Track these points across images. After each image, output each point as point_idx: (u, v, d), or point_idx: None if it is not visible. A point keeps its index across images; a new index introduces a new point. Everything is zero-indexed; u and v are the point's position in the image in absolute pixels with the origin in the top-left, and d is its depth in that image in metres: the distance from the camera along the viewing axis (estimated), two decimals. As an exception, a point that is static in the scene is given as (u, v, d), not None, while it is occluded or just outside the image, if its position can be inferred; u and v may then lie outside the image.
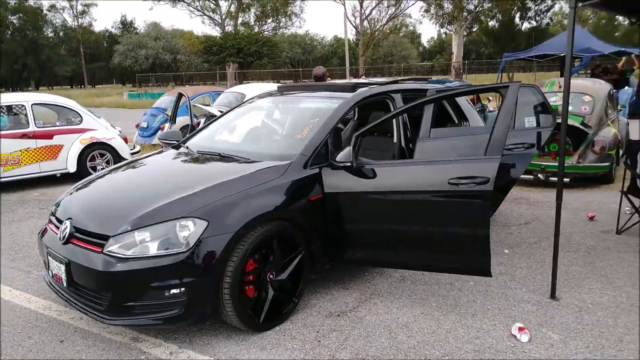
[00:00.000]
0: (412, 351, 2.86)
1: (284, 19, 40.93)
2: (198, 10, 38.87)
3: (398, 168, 3.24)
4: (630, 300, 3.42)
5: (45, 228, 3.41)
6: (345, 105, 3.74)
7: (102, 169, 8.43)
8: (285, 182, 3.21)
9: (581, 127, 6.58)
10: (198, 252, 2.76)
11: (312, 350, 2.90)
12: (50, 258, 3.09)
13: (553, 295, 3.47)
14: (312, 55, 63.05)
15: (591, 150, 6.57)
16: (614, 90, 8.21)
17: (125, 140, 8.95)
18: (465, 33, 29.54)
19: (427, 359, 2.78)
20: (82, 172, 8.13)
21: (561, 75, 17.16)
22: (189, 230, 2.79)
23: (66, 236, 3.00)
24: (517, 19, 43.11)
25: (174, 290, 2.74)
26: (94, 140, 8.28)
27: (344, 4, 35.56)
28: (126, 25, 74.84)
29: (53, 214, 3.39)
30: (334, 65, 59.87)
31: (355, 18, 38.07)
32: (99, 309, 2.84)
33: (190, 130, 4.74)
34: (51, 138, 7.85)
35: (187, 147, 4.09)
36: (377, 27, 38.56)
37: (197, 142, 4.17)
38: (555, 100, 6.93)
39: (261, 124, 4.28)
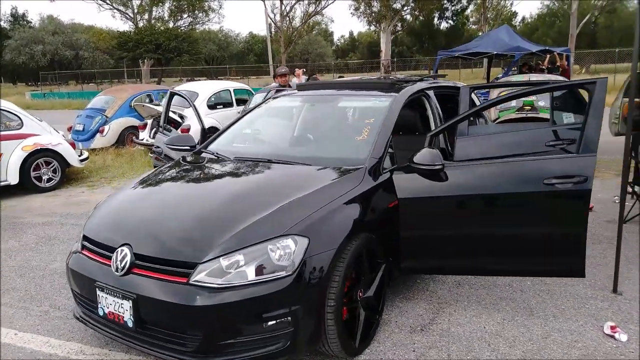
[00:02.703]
0: (526, 363, 2.71)
1: (200, 14, 39.40)
2: (107, 4, 36.27)
3: (484, 168, 3.04)
4: (684, 288, 3.54)
5: (76, 255, 2.82)
6: (399, 103, 3.52)
7: (48, 179, 7.46)
8: (365, 189, 2.92)
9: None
10: (304, 274, 2.40)
11: (423, 372, 2.65)
12: (103, 294, 2.53)
13: (615, 290, 3.50)
14: (228, 51, 61.54)
15: (566, 143, 6.86)
16: None
17: (73, 145, 8.00)
18: (392, 31, 30.32)
19: (546, 370, 2.65)
20: (25, 183, 7.14)
21: (488, 72, 18.06)
22: (289, 250, 2.42)
23: (127, 266, 2.48)
24: (435, 19, 45.31)
25: (278, 321, 2.36)
26: (39, 147, 7.29)
27: (263, 1, 35.07)
28: (17, 19, 68.02)
29: (87, 239, 2.81)
30: (251, 63, 58.93)
31: (275, 15, 37.65)
32: (184, 352, 2.37)
33: (202, 134, 4.24)
34: (-12, 146, 6.79)
35: (215, 154, 3.62)
36: (298, 24, 38.44)
37: (225, 148, 3.70)
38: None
39: (301, 126, 3.89)
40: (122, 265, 2.49)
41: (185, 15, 39.07)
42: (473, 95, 4.91)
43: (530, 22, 60.38)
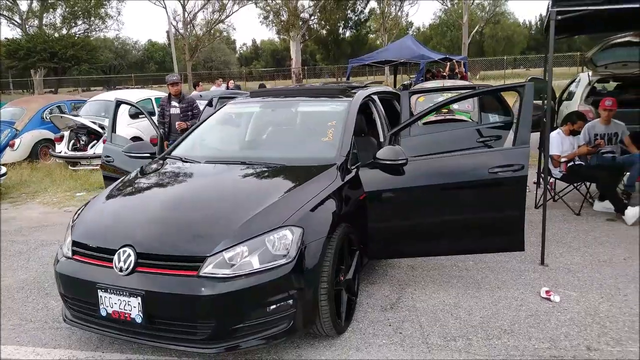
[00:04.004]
0: (486, 325, 3.17)
1: (97, 20, 37.32)
2: (-11, 9, 33.13)
3: (439, 161, 3.48)
4: (593, 256, 4.25)
5: (66, 261, 2.84)
6: (355, 107, 3.87)
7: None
8: (340, 184, 3.23)
9: (470, 121, 7.66)
10: (301, 261, 2.67)
11: (403, 341, 3.00)
12: (106, 294, 2.59)
13: (542, 262, 4.13)
14: (126, 60, 58.83)
15: (480, 142, 7.70)
16: None
17: (-13, 160, 7.47)
18: (301, 40, 30.99)
19: (503, 327, 3.13)
20: None
21: (394, 79, 19.14)
22: (287, 239, 2.66)
23: (131, 266, 2.58)
24: (340, 29, 46.94)
25: (281, 304, 2.60)
26: (-49, 163, 6.75)
27: (165, 7, 34.10)
28: None
29: (79, 244, 2.84)
30: (152, 71, 56.83)
31: (178, 23, 36.71)
32: (196, 340, 2.53)
33: (160, 141, 4.30)
34: None
35: (183, 159, 3.72)
36: (201, 31, 37.80)
37: (192, 153, 3.82)
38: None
39: (264, 129, 4.10)
40: (126, 265, 2.59)
41: (79, 22, 36.85)
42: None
43: (424, 31, 64.47)
